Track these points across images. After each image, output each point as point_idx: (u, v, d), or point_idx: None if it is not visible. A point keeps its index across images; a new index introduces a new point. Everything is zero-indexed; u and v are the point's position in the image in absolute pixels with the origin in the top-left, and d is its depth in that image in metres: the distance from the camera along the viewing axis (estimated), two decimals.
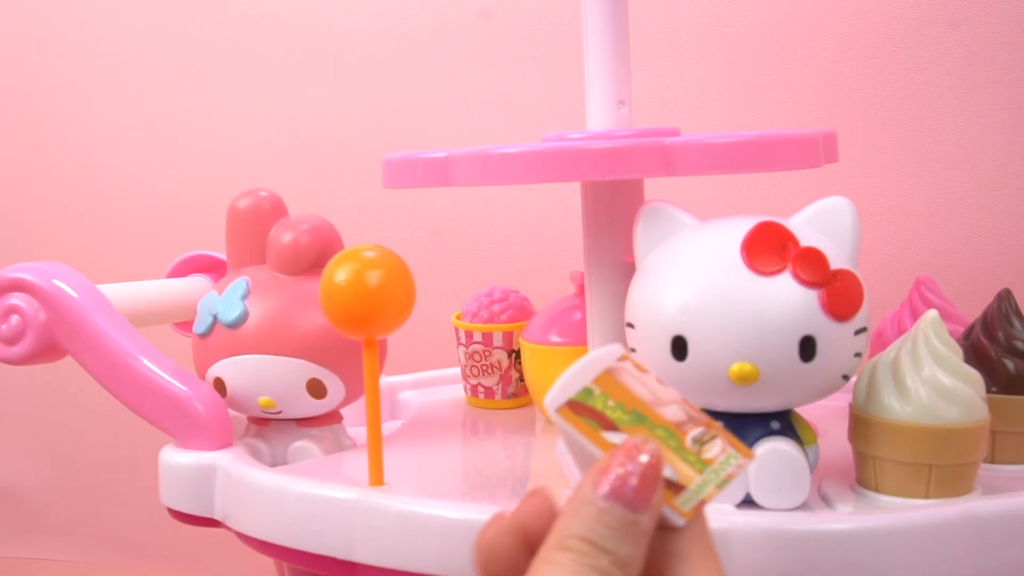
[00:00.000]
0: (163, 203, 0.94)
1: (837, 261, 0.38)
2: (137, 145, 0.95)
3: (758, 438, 0.39)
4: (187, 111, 0.92)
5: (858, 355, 0.38)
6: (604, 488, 0.24)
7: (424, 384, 0.64)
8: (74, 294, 0.48)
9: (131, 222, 0.95)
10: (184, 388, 0.47)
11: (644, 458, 0.25)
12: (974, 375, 0.39)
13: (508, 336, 0.58)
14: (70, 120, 0.97)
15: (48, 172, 0.98)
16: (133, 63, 0.94)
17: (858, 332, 0.38)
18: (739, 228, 0.38)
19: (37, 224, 0.99)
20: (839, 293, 0.37)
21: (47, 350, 0.48)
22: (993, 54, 0.70)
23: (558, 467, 0.48)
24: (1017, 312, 0.44)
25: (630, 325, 0.41)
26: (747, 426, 0.39)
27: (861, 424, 0.40)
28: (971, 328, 0.45)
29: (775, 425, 0.39)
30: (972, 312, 0.47)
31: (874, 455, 0.39)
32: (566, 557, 0.24)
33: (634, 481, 0.24)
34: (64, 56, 0.96)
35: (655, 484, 0.25)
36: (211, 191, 0.87)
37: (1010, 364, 0.43)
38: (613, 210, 0.48)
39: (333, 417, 0.52)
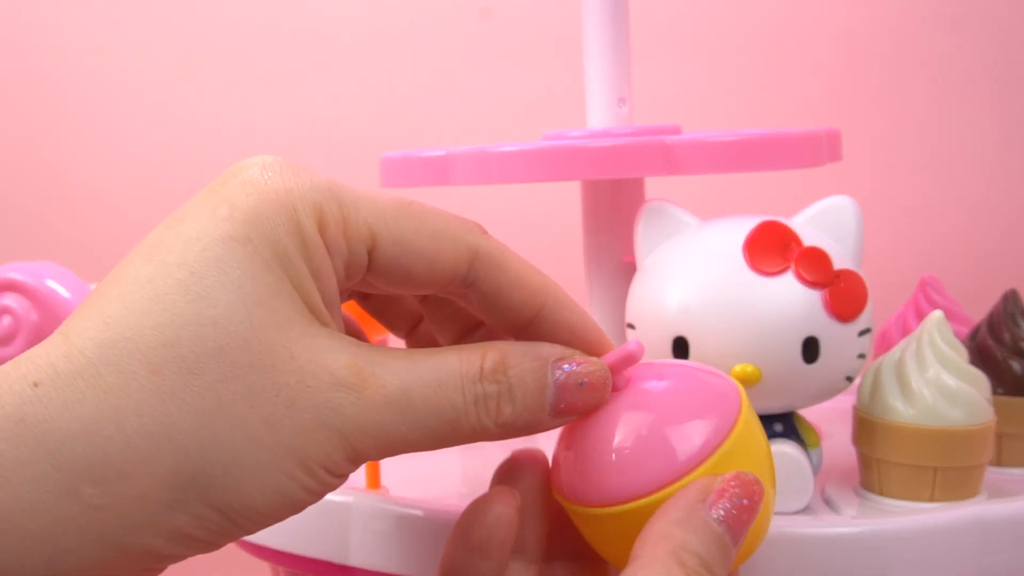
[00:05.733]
0: (159, 202, 0.93)
1: (840, 261, 0.38)
2: (133, 143, 0.94)
3: None
4: (184, 110, 0.92)
5: (862, 356, 0.38)
6: (719, 511, 0.25)
7: None
8: (67, 294, 0.47)
9: (125, 221, 0.95)
10: None
11: (756, 495, 0.25)
12: (979, 376, 0.39)
13: None
14: (65, 117, 0.96)
15: (41, 170, 0.98)
16: (131, 61, 0.94)
17: (862, 333, 0.37)
18: (741, 228, 0.38)
19: (30, 223, 0.99)
20: (842, 294, 0.37)
21: None
22: (993, 54, 0.70)
23: None
24: (1023, 313, 0.43)
25: (631, 326, 0.40)
26: None
27: (865, 426, 0.39)
28: (977, 329, 0.45)
29: (778, 427, 0.39)
30: (978, 313, 0.47)
31: (878, 458, 0.39)
32: (682, 574, 0.24)
33: (744, 516, 0.25)
34: (61, 53, 0.96)
35: (752, 523, 0.25)
36: None
37: (1016, 365, 0.43)
38: (613, 210, 0.48)
39: None
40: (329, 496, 0.40)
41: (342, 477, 0.25)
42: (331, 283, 0.25)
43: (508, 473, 0.31)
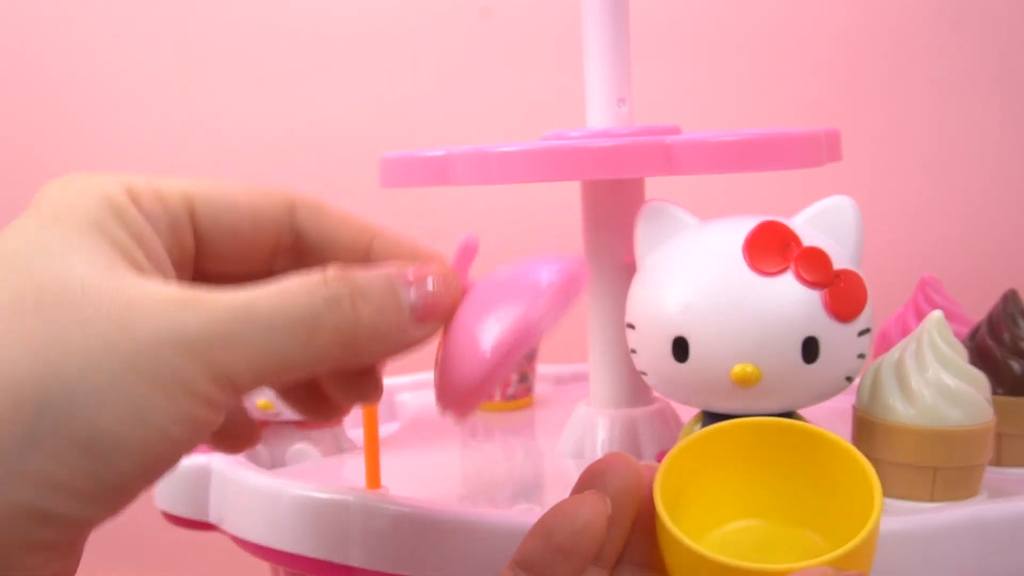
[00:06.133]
0: None
1: (840, 261, 0.37)
2: (133, 143, 0.94)
3: None
4: (184, 110, 0.92)
5: (861, 356, 0.38)
6: None
7: (422, 386, 0.64)
8: None
9: None
10: None
11: None
12: (979, 377, 0.39)
13: None
14: (65, 117, 0.96)
15: (42, 171, 0.98)
16: (131, 61, 0.94)
17: (861, 333, 0.37)
18: (741, 228, 0.38)
19: None
20: (842, 294, 0.37)
21: None
22: (993, 54, 0.70)
23: (558, 469, 0.48)
24: (1023, 313, 0.43)
25: (630, 326, 0.40)
26: None
27: (864, 426, 0.39)
28: (976, 329, 0.45)
29: None
30: (977, 313, 0.47)
31: (878, 457, 0.39)
32: None
33: None
34: (63, 53, 0.96)
35: None
36: None
37: (1016, 365, 0.42)
38: (613, 210, 0.48)
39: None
40: (329, 496, 0.40)
41: (216, 404, 0.23)
42: (155, 246, 0.26)
43: (598, 476, 0.29)
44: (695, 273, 0.38)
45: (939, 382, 0.38)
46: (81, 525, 0.23)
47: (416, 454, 0.51)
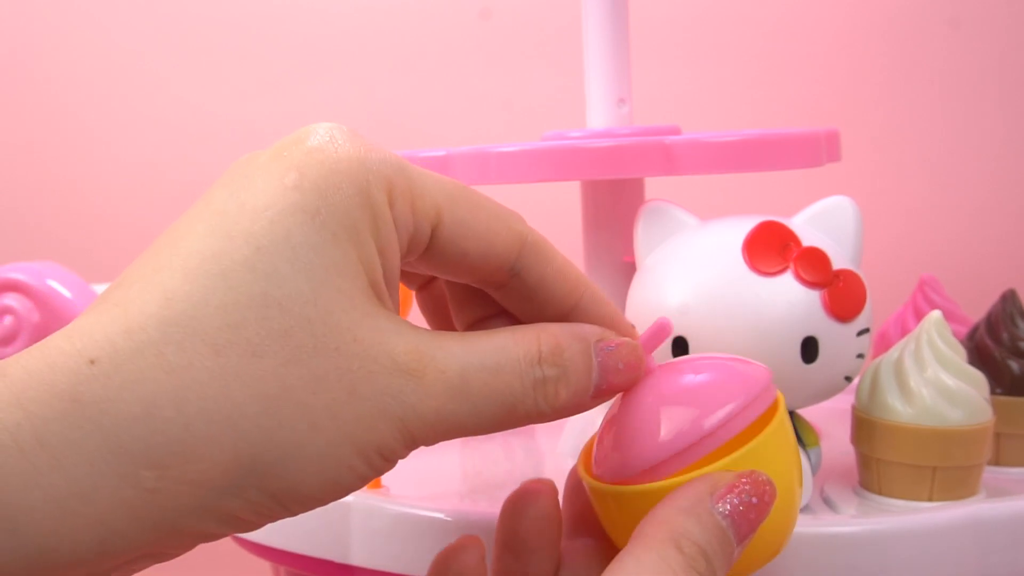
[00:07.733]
0: (160, 202, 0.93)
1: (839, 261, 0.38)
2: (133, 144, 0.94)
3: None
4: (183, 110, 0.92)
5: (861, 356, 0.38)
6: (726, 506, 0.25)
7: None
8: (68, 294, 0.48)
9: (126, 222, 0.95)
10: None
11: (767, 497, 0.25)
12: (978, 376, 0.39)
13: None
14: (66, 116, 0.96)
15: (42, 171, 0.98)
16: (132, 61, 0.94)
17: (861, 333, 0.37)
18: (740, 228, 0.38)
19: (31, 224, 0.99)
20: (841, 294, 0.37)
21: None
22: (993, 54, 0.70)
23: (558, 469, 0.48)
24: (1022, 313, 0.43)
25: None
26: None
27: (864, 426, 0.39)
28: (975, 329, 0.45)
29: None
30: (976, 313, 0.47)
31: (877, 457, 0.39)
32: (679, 559, 0.23)
33: (752, 515, 0.25)
34: (62, 53, 0.96)
35: (759, 524, 0.25)
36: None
37: (1014, 365, 0.43)
38: (613, 210, 0.48)
39: None
40: None
41: (394, 463, 0.25)
42: (395, 259, 0.25)
43: (516, 504, 0.31)
44: (695, 273, 0.38)
45: (938, 382, 0.38)
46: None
47: (416, 454, 0.51)
